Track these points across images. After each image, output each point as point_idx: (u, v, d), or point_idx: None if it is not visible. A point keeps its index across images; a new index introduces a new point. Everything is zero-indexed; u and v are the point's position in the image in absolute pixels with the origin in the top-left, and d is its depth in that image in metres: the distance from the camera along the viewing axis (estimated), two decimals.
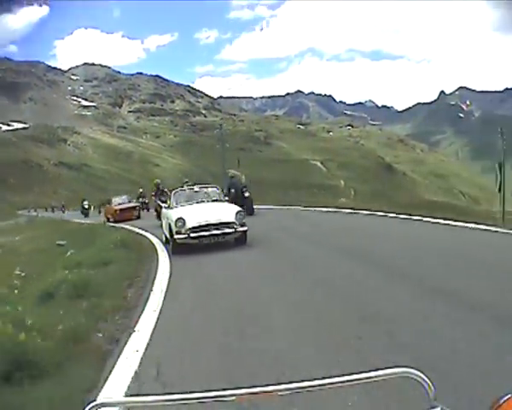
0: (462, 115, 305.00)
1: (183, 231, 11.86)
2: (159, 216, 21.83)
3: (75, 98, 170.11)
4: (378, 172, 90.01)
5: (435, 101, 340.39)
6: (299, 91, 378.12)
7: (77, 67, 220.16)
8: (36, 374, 4.07)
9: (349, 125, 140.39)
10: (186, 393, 1.13)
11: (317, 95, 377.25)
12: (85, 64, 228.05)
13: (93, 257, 10.66)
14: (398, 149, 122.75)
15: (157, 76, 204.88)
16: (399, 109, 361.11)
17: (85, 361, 4.49)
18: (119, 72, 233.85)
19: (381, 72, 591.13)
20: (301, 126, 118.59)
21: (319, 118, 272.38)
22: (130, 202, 32.50)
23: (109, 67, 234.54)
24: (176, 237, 11.95)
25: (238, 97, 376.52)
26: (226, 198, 14.36)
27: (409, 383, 1.15)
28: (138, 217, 29.17)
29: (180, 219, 12.00)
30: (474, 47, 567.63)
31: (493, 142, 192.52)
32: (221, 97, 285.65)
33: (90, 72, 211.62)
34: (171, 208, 13.33)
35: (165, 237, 13.74)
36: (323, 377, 1.14)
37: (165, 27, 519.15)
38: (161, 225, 14.79)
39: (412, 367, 1.17)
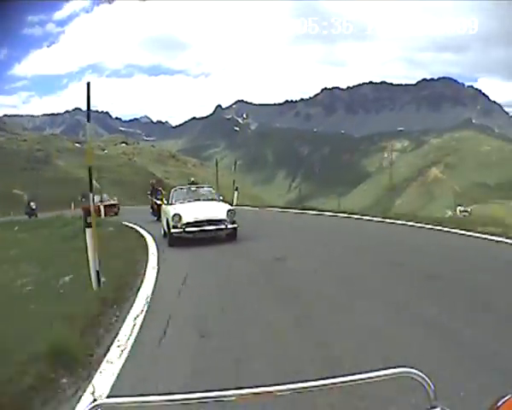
0: (237, 129, 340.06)
1: (179, 225, 14.96)
2: (154, 212, 27.14)
3: None
4: (149, 187, 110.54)
5: (211, 115, 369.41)
6: (77, 109, 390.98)
7: None
8: None
9: (123, 142, 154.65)
10: (186, 393, 1.27)
11: (94, 112, 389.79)
12: None
13: None
14: (169, 165, 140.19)
15: None
16: (174, 125, 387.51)
17: None
18: None
19: (159, 87, 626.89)
20: (78, 145, 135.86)
21: (95, 135, 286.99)
22: (109, 200, 40.88)
23: None
24: (172, 230, 15.06)
25: (21, 116, 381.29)
26: (221, 198, 18.13)
27: (409, 384, 1.29)
28: (116, 214, 35.90)
29: (176, 214, 15.10)
30: (254, 60, 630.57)
31: (265, 154, 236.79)
32: (6, 116, 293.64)
33: None
34: (170, 205, 16.67)
35: (164, 230, 16.87)
36: (324, 378, 1.28)
37: None
38: (161, 220, 18.48)
39: (412, 367, 1.31)
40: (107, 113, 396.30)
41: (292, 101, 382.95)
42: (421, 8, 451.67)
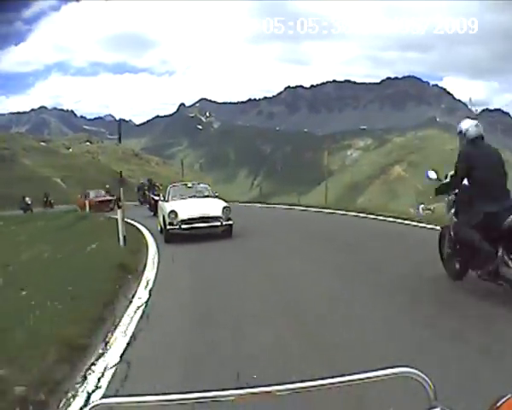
0: (200, 127, 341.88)
1: (174, 222, 15.72)
2: (151, 208, 28.89)
3: None
4: (114, 186, 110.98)
5: (174, 113, 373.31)
6: (43, 107, 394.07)
7: None
8: None
9: (88, 140, 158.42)
10: (185, 393, 1.31)
11: (60, 110, 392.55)
12: None
13: None
14: (132, 164, 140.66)
15: None
16: (138, 123, 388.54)
17: None
18: None
19: (123, 86, 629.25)
20: (44, 143, 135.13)
21: (60, 134, 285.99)
22: (105, 195, 42.23)
23: None
24: (168, 227, 15.82)
25: None
26: (216, 194, 19.01)
27: (409, 384, 1.34)
28: (112, 209, 35.04)
29: (173, 211, 15.84)
30: (218, 59, 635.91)
31: (228, 152, 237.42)
32: None
33: None
34: (167, 202, 17.39)
35: (160, 227, 17.49)
36: (323, 378, 1.33)
37: None
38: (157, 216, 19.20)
39: (412, 367, 1.35)
40: (72, 111, 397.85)
41: (255, 99, 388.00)
42: (386, 8, 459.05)
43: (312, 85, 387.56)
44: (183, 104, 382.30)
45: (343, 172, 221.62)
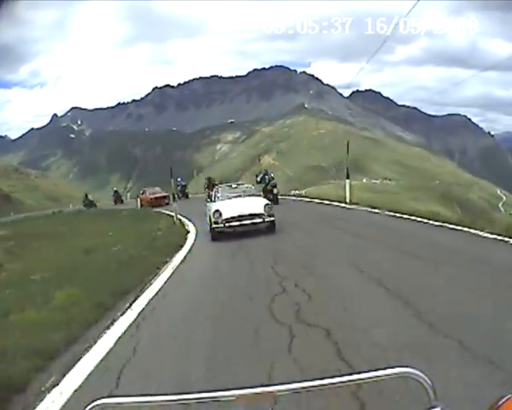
0: (73, 136, 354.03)
1: (219, 221, 17.22)
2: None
3: None
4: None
5: (48, 125, 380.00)
6: None
7: None
8: None
9: None
10: (186, 393, 1.36)
11: None
12: None
13: None
14: (13, 179, 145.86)
15: None
16: (13, 138, 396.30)
17: None
18: None
19: None
20: None
21: None
22: (161, 192, 47.79)
23: None
24: (213, 226, 17.36)
25: None
26: (260, 192, 22.43)
27: (409, 384, 1.46)
28: (168, 203, 40.35)
29: (217, 211, 17.41)
30: (86, 66, 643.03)
31: (100, 159, 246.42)
32: None
33: None
34: (213, 202, 19.31)
35: (209, 226, 18.65)
36: (323, 378, 1.37)
37: None
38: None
39: (412, 367, 1.40)
40: None
41: (124, 103, 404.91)
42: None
43: (180, 84, 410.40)
44: (55, 115, 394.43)
45: (213, 166, 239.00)
